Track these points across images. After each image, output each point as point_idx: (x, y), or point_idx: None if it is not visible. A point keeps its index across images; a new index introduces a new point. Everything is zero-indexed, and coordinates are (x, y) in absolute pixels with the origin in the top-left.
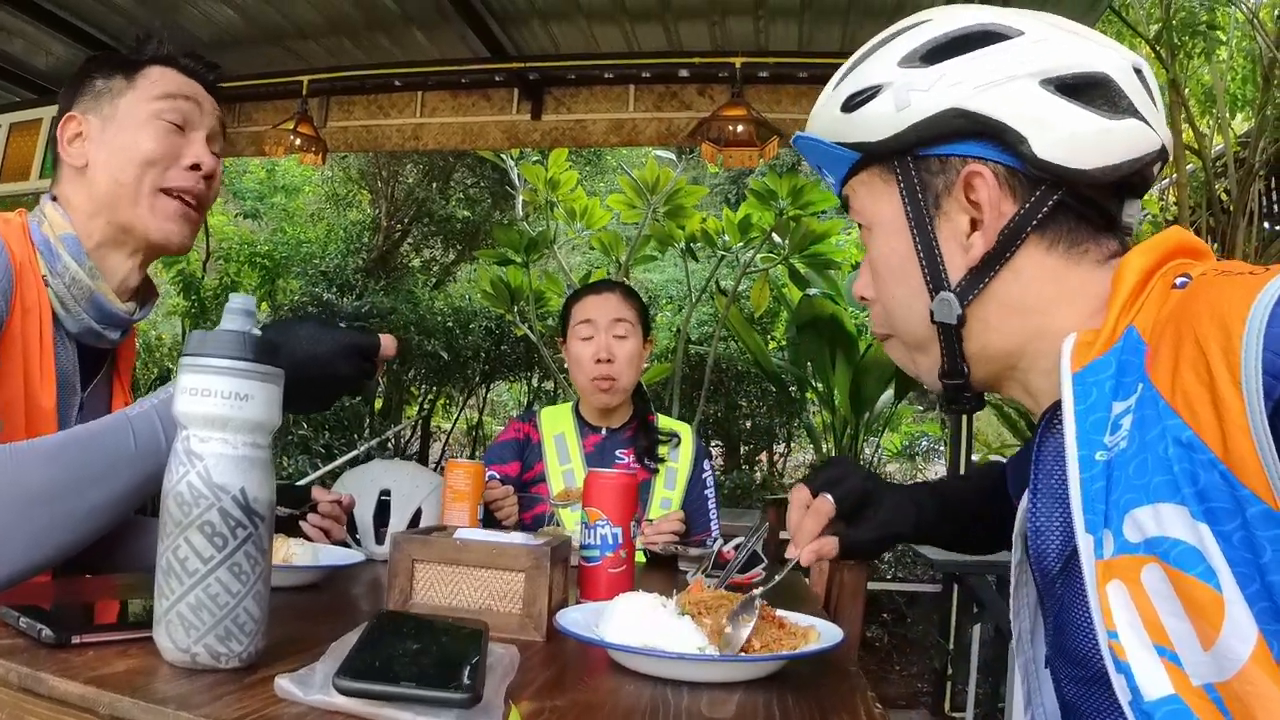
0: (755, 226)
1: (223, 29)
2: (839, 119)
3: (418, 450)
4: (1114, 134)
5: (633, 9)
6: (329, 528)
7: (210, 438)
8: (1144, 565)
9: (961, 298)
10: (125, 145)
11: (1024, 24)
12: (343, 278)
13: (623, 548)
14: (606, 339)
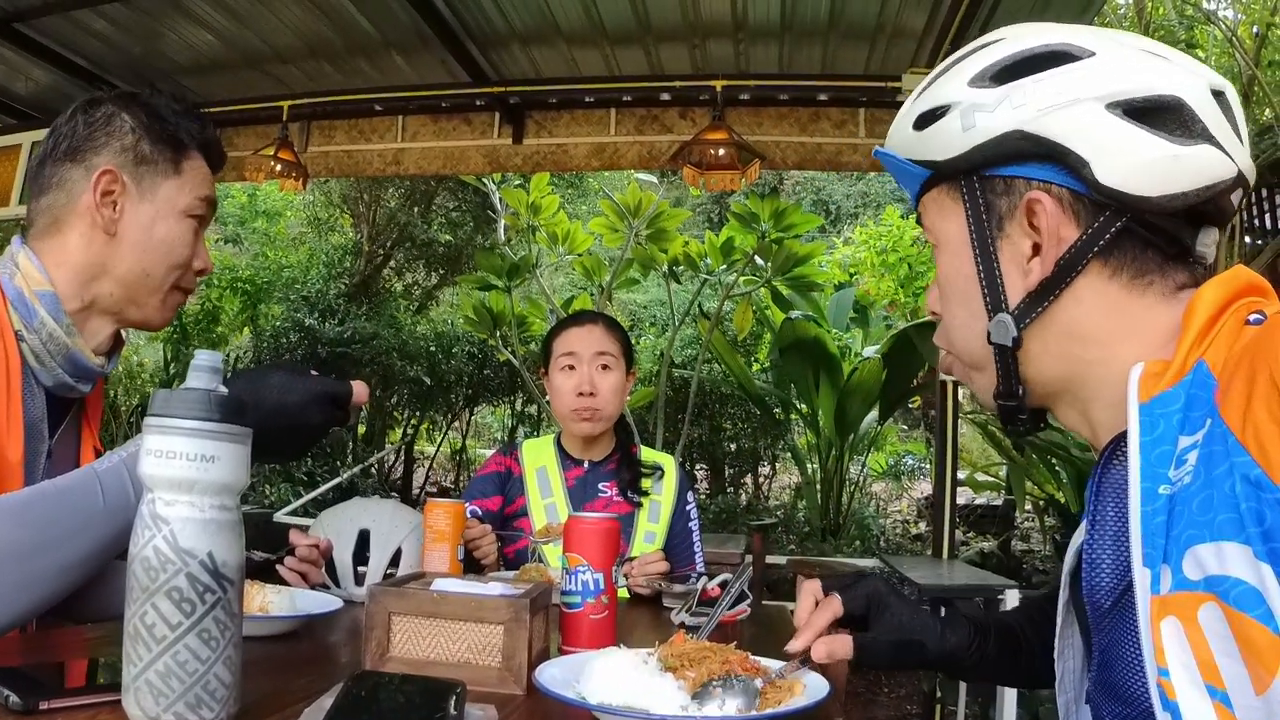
0: (737, 249)
1: (202, 54)
2: (911, 136)
3: (401, 475)
4: (1182, 160)
5: (613, 32)
6: (306, 571)
7: (176, 501)
8: (1202, 603)
9: (1018, 321)
10: (164, 240)
11: (1097, 44)
12: (325, 303)
13: (604, 593)
14: (590, 371)
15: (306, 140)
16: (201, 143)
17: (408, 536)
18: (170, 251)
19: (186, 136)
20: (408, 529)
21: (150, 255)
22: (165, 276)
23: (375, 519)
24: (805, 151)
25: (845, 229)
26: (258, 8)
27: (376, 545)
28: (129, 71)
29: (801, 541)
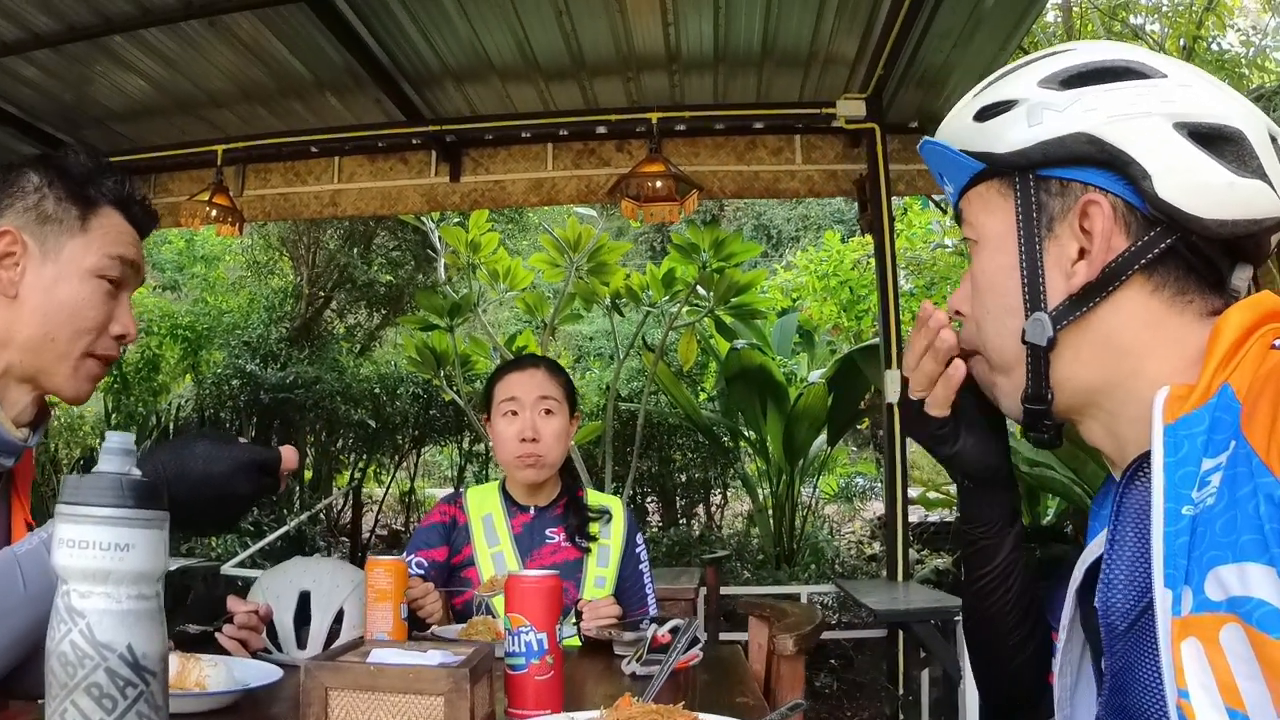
0: (679, 280)
1: (134, 100)
2: (970, 127)
3: (350, 520)
4: (1236, 190)
5: (546, 68)
6: (246, 638)
7: (92, 592)
8: (1224, 624)
9: (1056, 321)
10: (68, 302)
11: (1168, 68)
12: (266, 347)
13: (549, 653)
14: (532, 417)
15: (242, 184)
16: (116, 199)
17: (349, 596)
18: (75, 314)
19: (96, 192)
20: (350, 588)
21: (53, 319)
22: (72, 341)
23: (316, 579)
24: (743, 180)
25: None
26: (189, 53)
27: (318, 607)
28: (60, 118)
29: (756, 570)
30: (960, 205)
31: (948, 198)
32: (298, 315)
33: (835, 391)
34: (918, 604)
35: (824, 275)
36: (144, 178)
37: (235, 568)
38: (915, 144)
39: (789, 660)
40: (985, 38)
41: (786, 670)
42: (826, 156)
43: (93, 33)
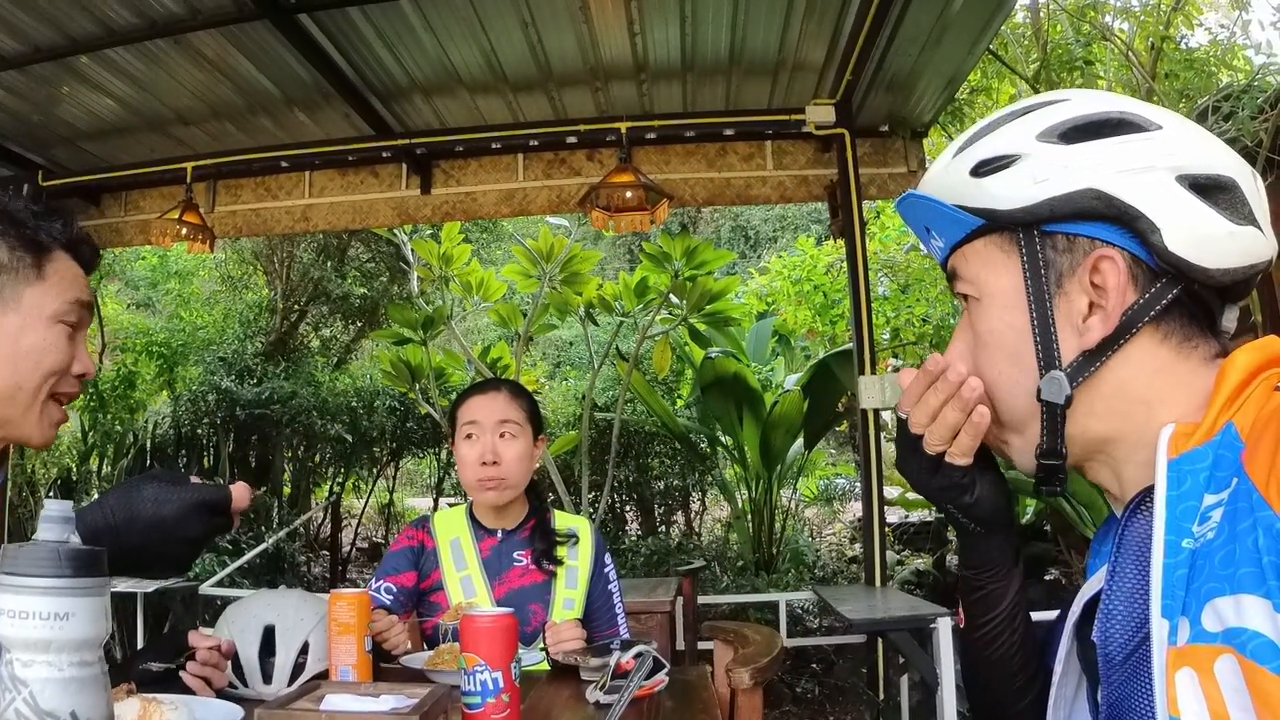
0: (652, 289)
1: (103, 119)
2: (967, 182)
3: (329, 534)
4: (1236, 239)
5: (514, 80)
6: (209, 675)
7: (34, 661)
8: (1219, 655)
9: (1072, 379)
10: (33, 349)
11: (1162, 119)
12: (242, 363)
13: (504, 691)
14: (492, 440)
15: (213, 200)
16: (67, 243)
17: (314, 629)
18: (41, 361)
19: (48, 238)
20: (314, 620)
21: (20, 367)
22: (39, 388)
23: (280, 613)
24: (714, 187)
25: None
26: (156, 72)
27: (282, 641)
28: (29, 138)
29: (735, 577)
30: (953, 261)
31: (932, 253)
32: (273, 329)
33: (810, 397)
34: (894, 612)
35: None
36: (114, 195)
37: (214, 587)
38: (886, 148)
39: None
40: (953, 41)
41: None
42: (798, 162)
43: (58, 53)
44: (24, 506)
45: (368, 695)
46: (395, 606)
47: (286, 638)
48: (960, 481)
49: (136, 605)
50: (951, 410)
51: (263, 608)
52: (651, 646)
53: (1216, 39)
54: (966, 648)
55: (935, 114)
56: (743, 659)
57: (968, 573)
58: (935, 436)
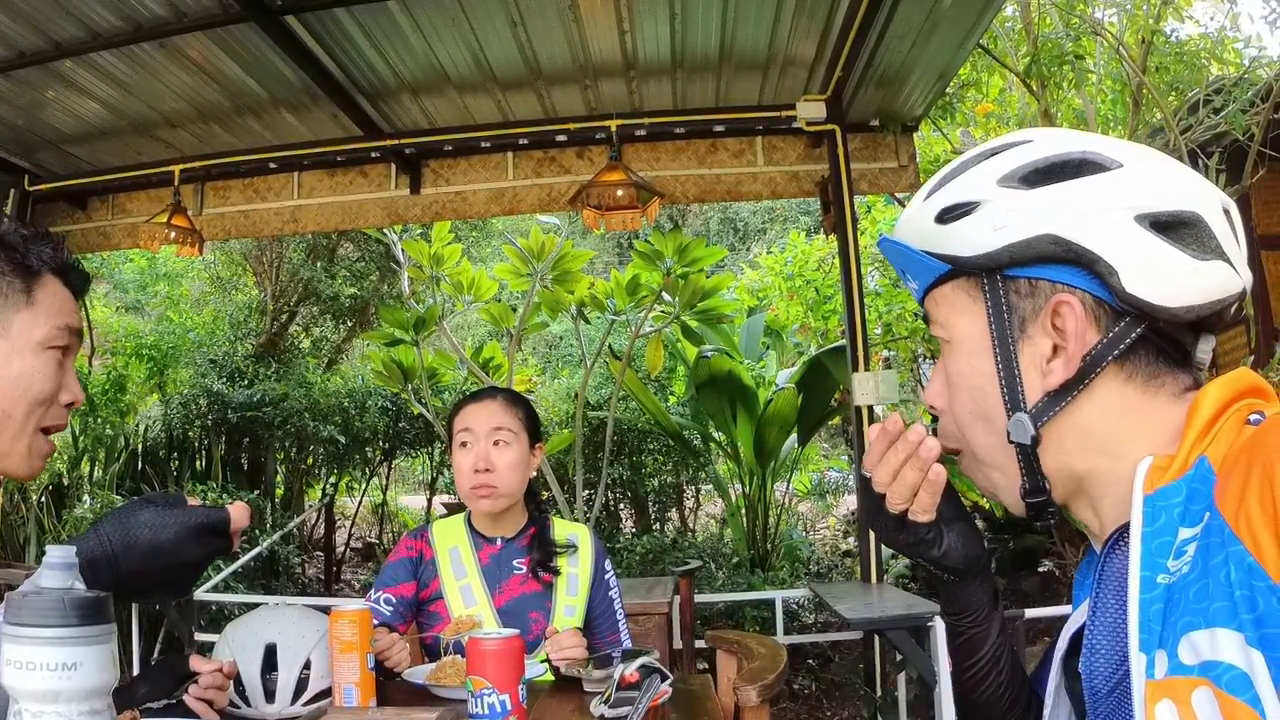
0: (644, 287)
1: (89, 123)
2: (932, 229)
3: (323, 536)
4: (1201, 274)
5: (503, 78)
6: (212, 698)
7: (44, 712)
8: (1195, 687)
9: (1035, 419)
10: (22, 376)
11: (1124, 155)
12: (233, 365)
13: (512, 714)
14: (485, 447)
15: (201, 202)
16: (56, 267)
17: (316, 646)
18: (29, 389)
19: (37, 262)
20: (316, 638)
21: (7, 395)
22: (27, 416)
23: (281, 631)
24: (705, 184)
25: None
26: (142, 75)
27: (284, 660)
28: (14, 143)
29: (731, 575)
30: (926, 304)
31: (911, 294)
32: (263, 331)
33: (804, 394)
34: (891, 610)
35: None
36: (101, 199)
37: (209, 592)
38: (876, 142)
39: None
40: (944, 36)
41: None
42: (788, 158)
43: (43, 58)
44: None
45: None
46: (395, 617)
47: (288, 656)
48: (926, 537)
49: (131, 613)
50: (910, 470)
51: (263, 626)
52: (654, 656)
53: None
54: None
55: (926, 109)
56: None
57: (948, 619)
58: (896, 496)
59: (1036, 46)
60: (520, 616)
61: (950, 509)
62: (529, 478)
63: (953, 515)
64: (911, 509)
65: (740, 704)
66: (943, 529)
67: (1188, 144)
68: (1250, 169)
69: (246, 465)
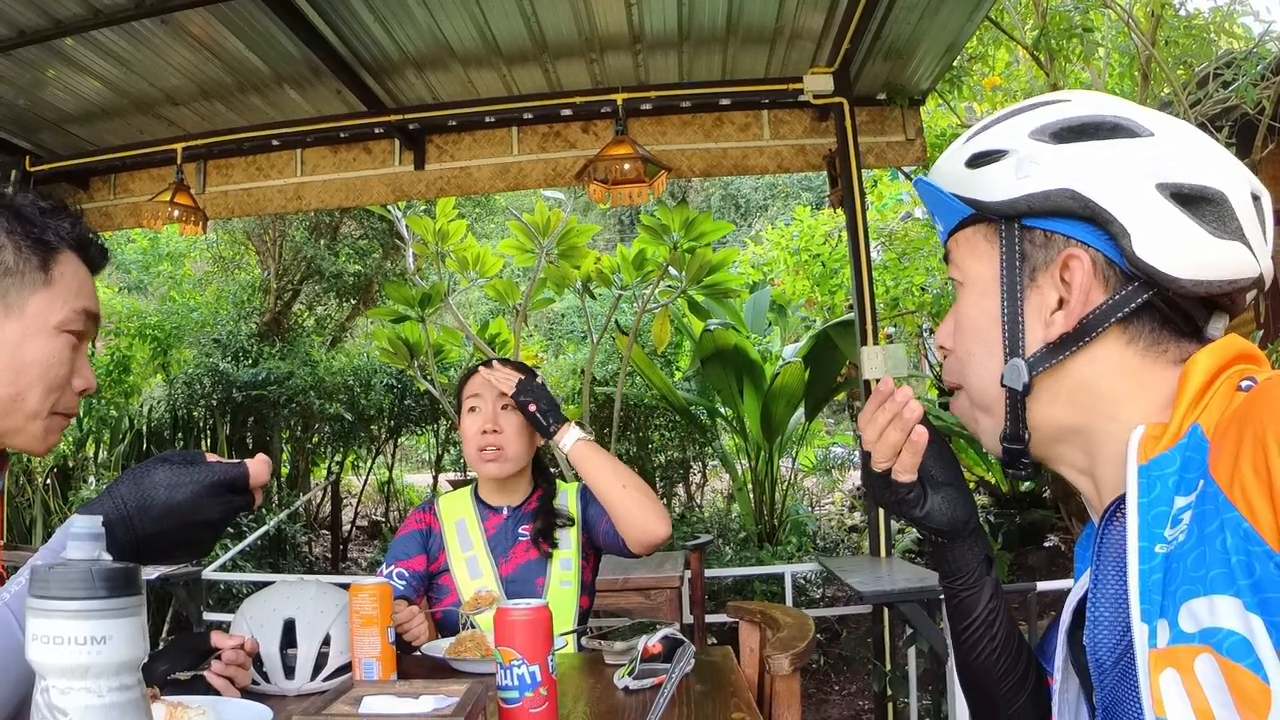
0: (650, 261)
1: (89, 101)
2: (962, 173)
3: (330, 514)
4: (1216, 252)
5: (508, 52)
6: (234, 675)
7: (72, 688)
8: (1198, 655)
9: (1032, 368)
10: (34, 359)
11: (1158, 126)
12: (237, 344)
13: (542, 685)
14: (493, 410)
15: (204, 180)
16: (75, 241)
17: (335, 621)
18: (45, 372)
19: (55, 237)
20: (335, 612)
21: (22, 378)
22: (42, 400)
23: (299, 606)
24: (711, 157)
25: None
26: (143, 52)
27: (303, 635)
28: (15, 123)
29: (738, 549)
30: (949, 245)
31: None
32: (267, 309)
33: (811, 368)
34: (901, 584)
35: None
36: (103, 179)
37: (217, 572)
38: (884, 116)
39: (785, 680)
40: (952, 9)
41: (782, 689)
42: (795, 131)
43: (43, 36)
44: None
45: (407, 696)
46: (408, 591)
47: (307, 631)
48: (907, 496)
49: None
50: (894, 430)
51: (281, 601)
52: (674, 628)
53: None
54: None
55: (933, 82)
56: (779, 643)
57: (943, 583)
58: (879, 454)
59: (1045, 19)
60: (527, 583)
61: (942, 472)
62: (536, 446)
63: (943, 479)
64: (894, 468)
65: (772, 673)
66: (926, 490)
67: (1197, 118)
68: (1260, 143)
69: (252, 444)
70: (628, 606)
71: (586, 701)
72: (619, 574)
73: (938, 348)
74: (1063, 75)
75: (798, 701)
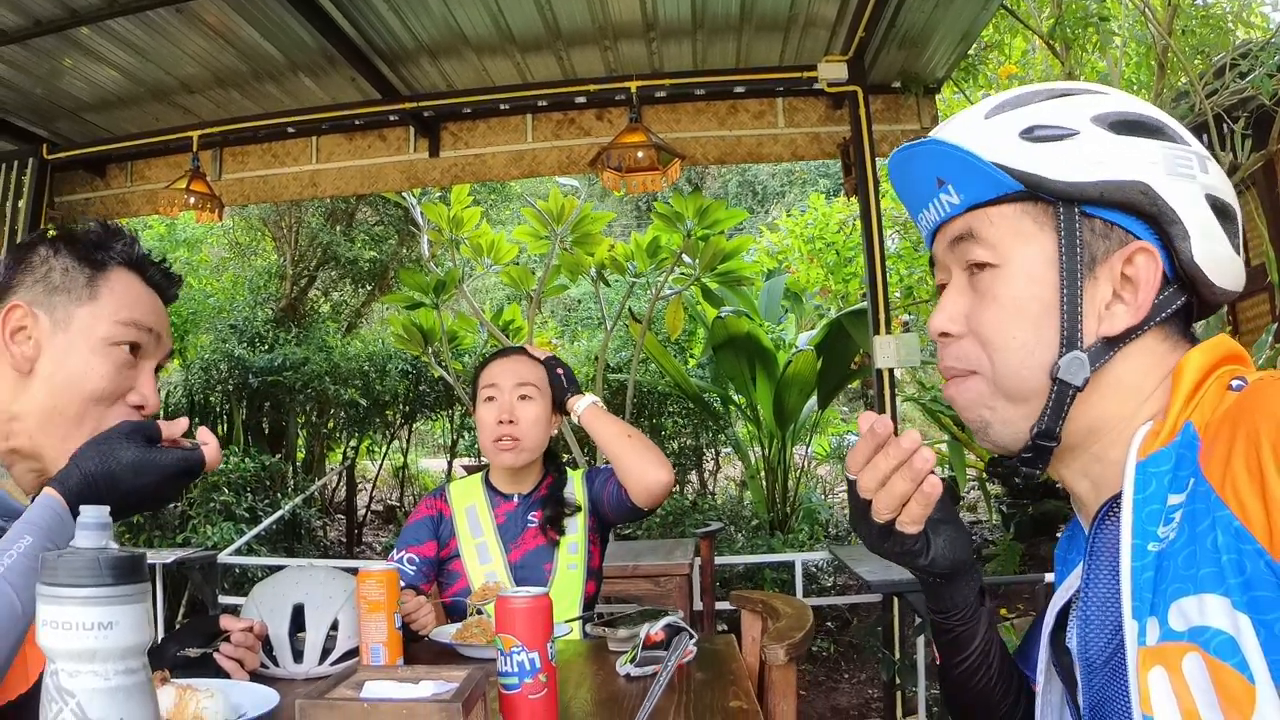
0: (664, 249)
1: (106, 90)
2: (1013, 144)
3: (345, 499)
4: (1236, 264)
5: (522, 40)
6: (243, 657)
7: (79, 671)
8: (1186, 653)
9: (1091, 362)
10: (77, 371)
11: (1188, 136)
12: (253, 330)
13: (541, 672)
14: (510, 400)
15: (220, 168)
16: (127, 260)
17: (343, 606)
18: (83, 385)
19: (104, 256)
20: (343, 598)
21: (60, 391)
22: (81, 414)
23: (308, 591)
24: (725, 145)
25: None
26: (159, 41)
27: (312, 620)
28: (33, 112)
29: (750, 537)
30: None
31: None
32: (283, 295)
33: (824, 356)
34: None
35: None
36: (120, 166)
37: (232, 556)
38: (899, 105)
39: (781, 669)
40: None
41: (779, 679)
42: (809, 119)
43: (59, 25)
44: None
45: (407, 681)
46: (418, 576)
47: (316, 616)
48: (913, 548)
49: (155, 576)
50: (900, 480)
51: (291, 586)
52: (678, 615)
53: None
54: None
55: (948, 70)
56: (777, 634)
57: (936, 617)
58: (883, 505)
59: (1061, 8)
60: (536, 569)
61: (940, 510)
62: (550, 437)
63: (941, 517)
64: (900, 519)
65: (768, 663)
66: (930, 536)
67: (1213, 108)
68: (1276, 134)
69: (268, 429)
70: (637, 593)
71: (589, 688)
72: (629, 560)
73: (938, 334)
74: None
75: (793, 691)
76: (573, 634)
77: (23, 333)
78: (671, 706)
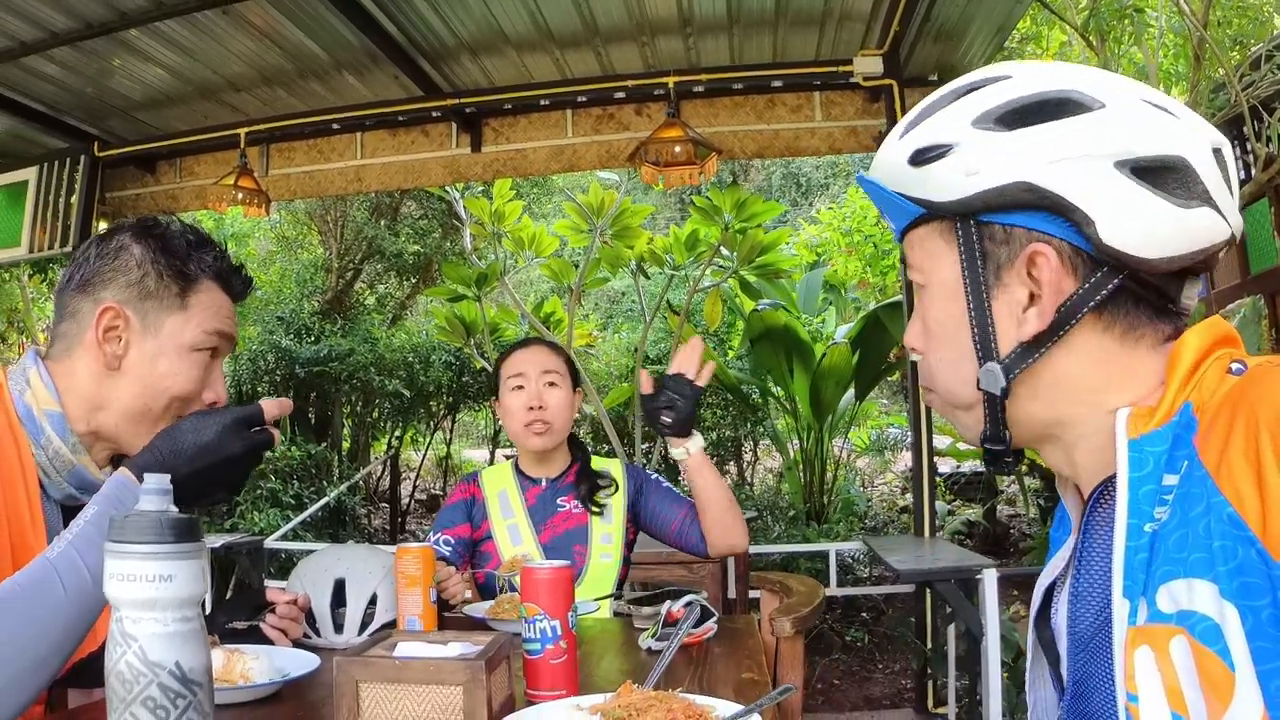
0: (703, 242)
1: (155, 89)
2: (906, 171)
3: (388, 488)
4: (1184, 223)
5: (560, 37)
6: (287, 628)
7: (141, 618)
8: (1173, 636)
9: (1008, 371)
10: (165, 374)
11: (1107, 95)
12: (300, 321)
13: (563, 639)
14: (538, 387)
15: (267, 164)
16: (216, 273)
17: (382, 581)
18: (171, 387)
19: (196, 269)
20: (381, 574)
21: (150, 392)
22: (165, 411)
23: (349, 566)
24: (763, 139)
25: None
26: (206, 41)
27: (352, 593)
28: (85, 111)
29: (787, 528)
30: (904, 245)
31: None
32: (329, 288)
33: (860, 349)
34: (941, 563)
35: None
36: (169, 162)
37: (279, 541)
38: None
39: (788, 641)
40: None
41: (786, 650)
42: (846, 113)
43: (109, 28)
44: None
45: (437, 643)
46: (453, 556)
47: (356, 590)
48: None
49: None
50: None
51: (333, 561)
52: (701, 596)
53: None
54: None
55: (984, 63)
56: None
57: None
58: None
59: None
60: (565, 550)
61: None
62: (573, 419)
63: None
64: None
65: (775, 634)
66: None
67: (1250, 100)
68: None
69: (314, 419)
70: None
71: (613, 658)
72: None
73: (910, 349)
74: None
75: (800, 661)
76: (601, 610)
77: (114, 333)
78: (687, 677)
